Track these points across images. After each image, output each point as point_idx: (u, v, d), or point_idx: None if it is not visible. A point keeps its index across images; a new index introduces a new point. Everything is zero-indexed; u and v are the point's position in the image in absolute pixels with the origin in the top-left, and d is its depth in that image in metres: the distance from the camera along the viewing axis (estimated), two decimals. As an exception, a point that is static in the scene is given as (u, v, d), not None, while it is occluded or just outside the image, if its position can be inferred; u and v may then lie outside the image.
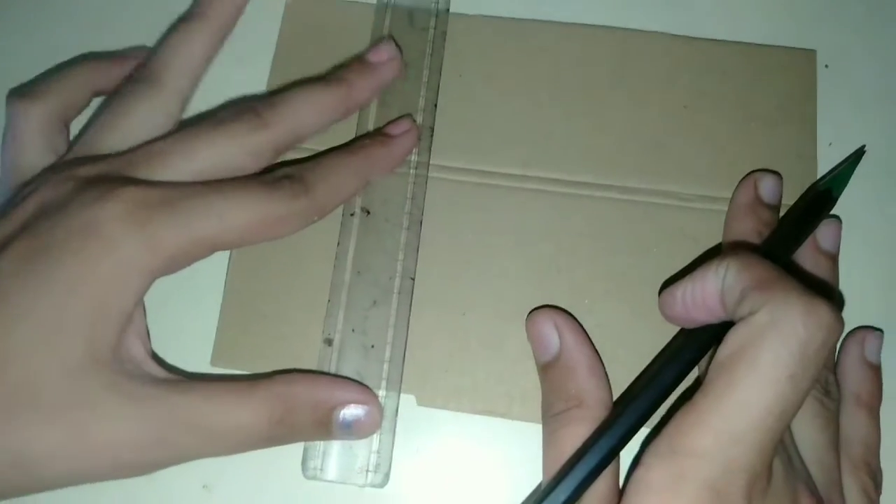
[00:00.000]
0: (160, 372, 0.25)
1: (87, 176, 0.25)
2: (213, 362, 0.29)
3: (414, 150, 0.30)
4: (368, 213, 0.30)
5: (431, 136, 0.31)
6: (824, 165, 0.31)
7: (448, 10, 0.33)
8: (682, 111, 0.31)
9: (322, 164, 0.28)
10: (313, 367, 0.28)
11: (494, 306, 0.29)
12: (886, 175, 0.31)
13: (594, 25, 0.33)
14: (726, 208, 0.30)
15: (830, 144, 0.31)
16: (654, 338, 0.28)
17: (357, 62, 0.31)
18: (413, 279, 0.29)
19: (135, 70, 0.29)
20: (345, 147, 0.29)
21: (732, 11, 0.33)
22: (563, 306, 0.29)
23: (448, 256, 0.30)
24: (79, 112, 0.30)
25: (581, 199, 0.30)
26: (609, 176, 0.31)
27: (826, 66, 0.32)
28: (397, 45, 0.31)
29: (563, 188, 0.31)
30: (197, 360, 0.28)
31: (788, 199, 0.30)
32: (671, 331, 0.28)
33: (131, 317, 0.25)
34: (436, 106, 0.31)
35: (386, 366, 0.28)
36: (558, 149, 0.31)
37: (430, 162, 0.31)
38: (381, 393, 0.27)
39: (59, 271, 0.23)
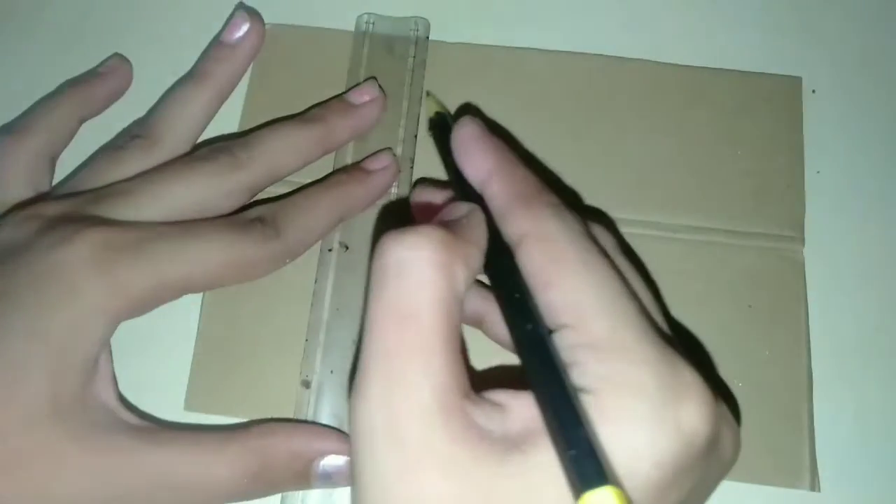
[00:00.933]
0: (131, 418, 0.24)
1: (53, 215, 0.25)
2: (187, 407, 0.28)
3: (394, 183, 0.30)
4: (347, 248, 0.29)
5: (412, 167, 0.30)
6: (812, 193, 0.30)
7: (428, 37, 0.32)
8: (667, 140, 0.31)
9: (295, 205, 0.27)
10: (290, 410, 0.27)
11: (478, 344, 0.28)
12: (877, 200, 0.30)
13: (577, 53, 0.32)
14: (712, 239, 0.29)
15: (819, 172, 0.31)
16: None
17: (338, 102, 0.30)
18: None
19: (136, 126, 0.29)
20: (320, 184, 0.29)
21: (717, 39, 0.33)
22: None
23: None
24: (66, 145, 0.30)
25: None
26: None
27: (813, 91, 0.32)
28: (380, 86, 0.30)
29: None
30: (170, 405, 0.27)
31: (774, 230, 0.29)
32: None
33: (97, 362, 0.24)
34: (416, 137, 0.31)
35: (366, 408, 0.27)
36: (539, 179, 0.30)
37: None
38: (361, 436, 0.27)
39: (20, 317, 0.22)
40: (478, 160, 0.22)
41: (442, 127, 0.27)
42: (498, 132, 0.24)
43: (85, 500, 0.22)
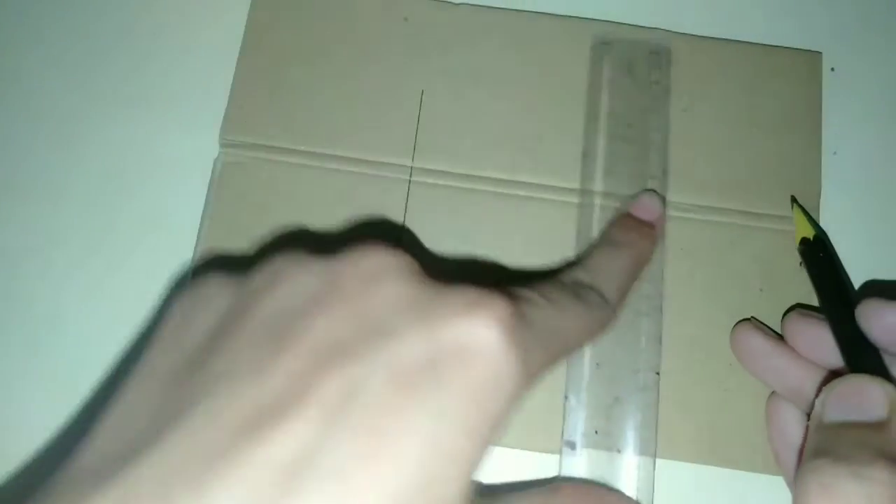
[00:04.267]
0: None
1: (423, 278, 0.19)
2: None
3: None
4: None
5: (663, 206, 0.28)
6: (828, 175, 0.29)
7: (670, 62, 0.30)
8: (680, 115, 0.30)
9: (607, 271, 0.24)
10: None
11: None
12: (893, 186, 0.29)
13: (591, 19, 0.30)
14: (723, 219, 0.28)
15: (835, 153, 0.30)
16: (648, 358, 0.27)
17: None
18: (658, 374, 0.26)
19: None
20: (612, 245, 0.26)
21: (734, 9, 0.31)
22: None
23: (427, 268, 0.28)
24: None
25: (573, 207, 0.29)
26: (603, 183, 0.29)
27: (832, 69, 0.30)
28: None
29: (554, 195, 0.29)
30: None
31: (788, 212, 0.28)
32: (666, 351, 0.27)
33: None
34: (665, 172, 0.29)
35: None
36: (549, 152, 0.29)
37: (413, 165, 0.29)
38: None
39: (436, 397, 0.16)
40: None
41: (817, 250, 0.26)
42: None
43: None
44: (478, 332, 0.17)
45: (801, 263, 0.27)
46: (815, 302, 0.27)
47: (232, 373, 0.16)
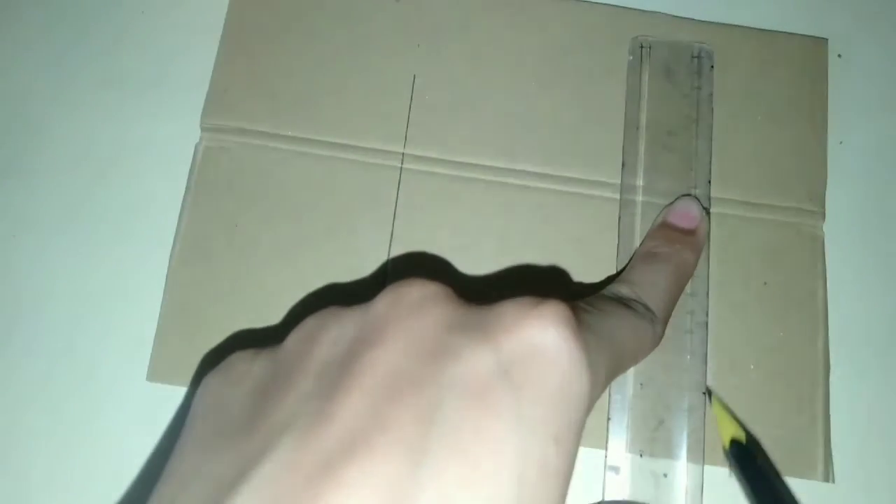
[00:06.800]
0: None
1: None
2: (150, 377, 0.25)
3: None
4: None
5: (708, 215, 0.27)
6: (834, 165, 0.28)
7: (713, 67, 0.29)
8: (680, 100, 0.28)
9: (654, 284, 0.23)
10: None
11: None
12: (899, 177, 0.29)
13: (591, 2, 0.29)
14: (726, 211, 0.27)
15: (841, 142, 0.29)
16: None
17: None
18: (705, 393, 0.25)
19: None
20: (656, 257, 0.25)
21: (740, -8, 0.30)
22: (547, 317, 0.26)
23: (421, 259, 0.26)
24: None
25: (570, 196, 0.27)
26: (601, 172, 0.28)
27: (839, 55, 0.29)
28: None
29: (551, 184, 0.28)
30: (132, 374, 0.25)
31: (792, 202, 0.27)
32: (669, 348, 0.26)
33: None
34: (709, 182, 0.27)
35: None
36: (546, 140, 0.28)
37: (404, 152, 0.27)
38: None
39: (516, 404, 0.16)
40: None
41: (751, 454, 0.24)
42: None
43: None
44: (543, 333, 0.16)
45: (730, 467, 0.24)
46: (817, 301, 0.26)
47: (294, 423, 0.15)
